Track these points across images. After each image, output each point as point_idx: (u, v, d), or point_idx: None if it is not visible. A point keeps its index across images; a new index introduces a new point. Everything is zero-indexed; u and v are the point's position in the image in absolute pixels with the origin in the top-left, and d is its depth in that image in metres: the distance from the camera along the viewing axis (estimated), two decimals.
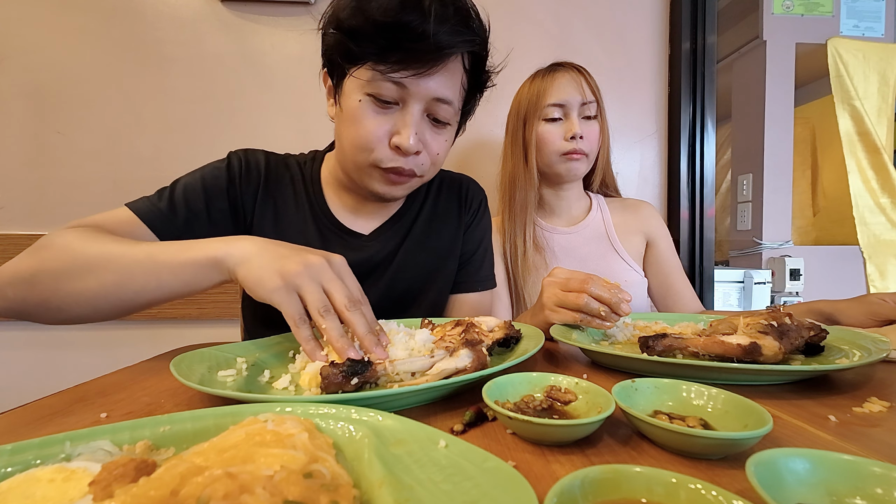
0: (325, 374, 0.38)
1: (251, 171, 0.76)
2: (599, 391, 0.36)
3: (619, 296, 0.59)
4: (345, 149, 0.69)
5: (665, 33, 1.42)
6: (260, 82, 1.27)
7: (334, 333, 0.45)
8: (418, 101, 0.64)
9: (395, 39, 0.58)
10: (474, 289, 0.88)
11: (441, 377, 0.41)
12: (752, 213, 2.12)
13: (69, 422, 0.38)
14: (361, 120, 0.64)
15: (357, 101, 0.64)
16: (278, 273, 0.47)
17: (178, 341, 0.75)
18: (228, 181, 0.73)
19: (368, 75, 0.62)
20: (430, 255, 0.83)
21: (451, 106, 0.66)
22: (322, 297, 0.47)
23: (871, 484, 0.23)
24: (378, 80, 0.61)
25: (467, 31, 0.62)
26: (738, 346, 0.45)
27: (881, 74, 1.99)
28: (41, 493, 0.22)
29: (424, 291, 0.82)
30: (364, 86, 0.63)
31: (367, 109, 0.64)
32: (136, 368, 0.56)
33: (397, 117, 0.64)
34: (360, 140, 0.65)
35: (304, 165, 0.81)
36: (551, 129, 0.95)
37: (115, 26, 1.23)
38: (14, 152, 1.21)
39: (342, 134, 0.68)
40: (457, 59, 0.64)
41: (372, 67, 0.61)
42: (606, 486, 0.22)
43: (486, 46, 0.68)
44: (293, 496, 0.19)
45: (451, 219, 0.87)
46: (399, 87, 0.62)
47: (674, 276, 1.05)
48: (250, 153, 0.78)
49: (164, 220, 0.66)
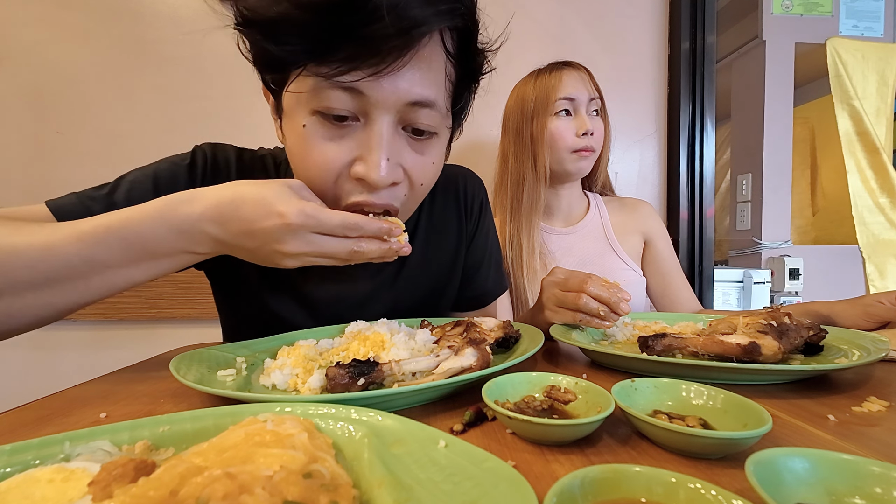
0: (331, 375, 0.38)
1: (218, 171, 0.62)
2: (599, 391, 0.36)
3: (618, 295, 0.59)
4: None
5: (664, 33, 1.42)
6: (259, 82, 1.26)
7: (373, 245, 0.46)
8: (385, 112, 0.46)
9: (336, 25, 0.40)
10: (485, 302, 0.82)
11: (447, 376, 0.41)
12: (752, 213, 2.12)
13: (68, 422, 0.38)
14: (309, 150, 0.47)
15: (301, 127, 0.47)
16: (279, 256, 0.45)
17: (178, 341, 0.75)
18: (189, 182, 0.59)
19: (309, 84, 0.45)
20: (432, 277, 0.73)
21: (433, 109, 0.48)
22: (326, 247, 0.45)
23: (870, 483, 0.23)
24: (323, 88, 0.44)
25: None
26: (738, 345, 0.45)
27: (880, 74, 1.99)
28: (40, 494, 0.22)
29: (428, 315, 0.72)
30: (307, 100, 0.46)
31: (315, 135, 0.47)
32: (135, 368, 0.56)
33: (358, 138, 0.47)
34: (310, 175, 0.49)
35: (280, 166, 0.67)
36: (562, 125, 0.95)
37: (115, 26, 1.23)
38: (14, 152, 1.21)
39: (294, 167, 0.52)
40: (433, 42, 0.46)
41: (312, 72, 0.44)
42: (606, 485, 0.22)
43: (473, 16, 0.48)
44: (293, 496, 0.19)
45: (451, 231, 0.74)
46: (354, 95, 0.45)
47: (672, 275, 1.05)
48: (219, 149, 0.64)
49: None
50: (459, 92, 0.54)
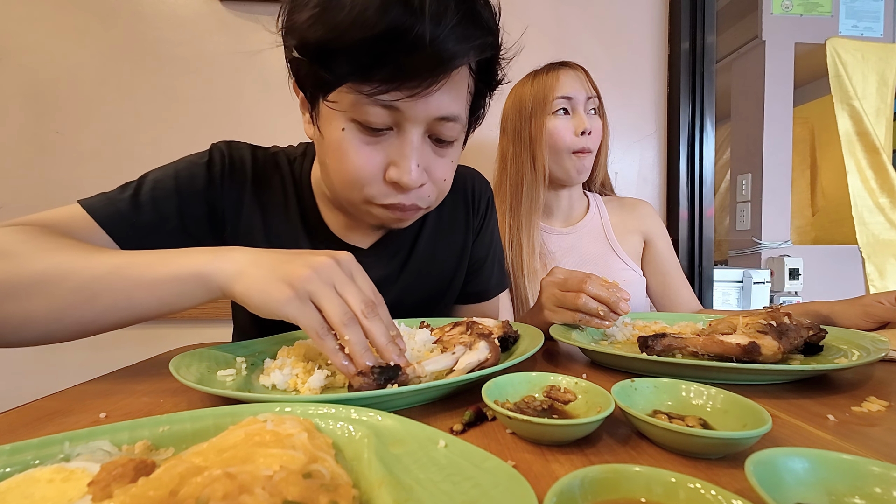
0: (356, 385, 0.37)
1: (235, 170, 0.65)
2: (599, 391, 0.36)
3: (618, 295, 0.59)
4: (332, 181, 0.58)
5: (664, 33, 1.42)
6: (259, 82, 1.27)
7: (358, 348, 0.39)
8: (417, 125, 0.52)
9: (380, 53, 0.45)
10: (486, 297, 0.84)
11: (467, 371, 0.41)
12: (751, 213, 2.12)
13: (68, 422, 0.38)
14: (347, 153, 0.53)
15: (339, 130, 0.52)
16: (285, 282, 0.40)
17: (177, 341, 0.75)
18: (208, 181, 0.63)
19: (351, 99, 0.49)
20: (438, 269, 0.76)
21: (457, 123, 0.54)
22: (341, 303, 0.40)
23: (869, 483, 0.23)
24: (363, 104, 0.49)
25: (476, 31, 0.47)
26: (738, 345, 0.45)
27: (880, 74, 1.99)
28: (40, 494, 0.22)
29: (433, 307, 0.76)
30: (347, 109, 0.50)
31: (353, 140, 0.52)
32: (135, 368, 0.56)
33: (392, 146, 0.53)
34: (347, 177, 0.55)
35: (294, 163, 0.71)
36: (560, 125, 0.95)
37: (114, 26, 1.22)
38: (13, 152, 1.21)
39: (327, 164, 0.57)
40: (463, 67, 0.51)
41: (354, 89, 0.48)
42: (606, 485, 0.22)
43: (498, 44, 0.53)
44: (292, 496, 0.19)
45: (458, 226, 0.78)
46: (391, 111, 0.50)
47: (672, 274, 1.05)
48: (234, 148, 0.67)
49: (126, 224, 0.56)
50: (477, 101, 0.59)
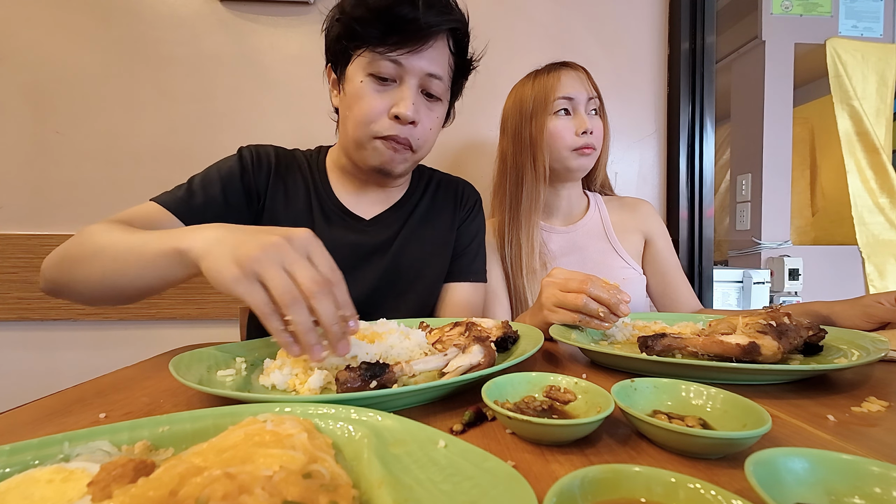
0: (342, 379, 0.38)
1: (262, 160, 0.83)
2: (599, 391, 0.36)
3: (618, 297, 0.59)
4: (348, 129, 0.76)
5: (664, 33, 1.42)
6: (259, 82, 1.26)
7: (301, 328, 0.41)
8: (413, 77, 0.73)
9: (391, 24, 0.69)
10: (467, 279, 0.91)
11: (459, 373, 0.41)
12: (751, 213, 2.12)
13: (68, 422, 0.38)
14: (364, 97, 0.73)
15: (359, 82, 0.73)
16: (235, 261, 0.42)
17: (178, 341, 0.75)
18: (241, 170, 0.80)
19: (369, 57, 0.72)
20: (426, 244, 0.88)
21: (441, 81, 0.75)
22: (286, 282, 0.41)
23: (869, 483, 0.23)
24: (378, 60, 0.71)
25: (449, 12, 0.73)
26: (737, 345, 0.45)
27: (880, 75, 1.99)
28: (40, 494, 0.22)
29: (420, 276, 0.87)
30: (365, 67, 0.72)
31: (369, 88, 0.73)
32: (135, 368, 0.56)
33: (396, 93, 0.73)
34: (363, 115, 0.73)
35: (310, 157, 0.89)
36: (561, 125, 0.95)
37: (114, 26, 1.22)
38: (13, 152, 1.21)
39: (347, 115, 0.76)
40: (443, 39, 0.74)
41: (371, 51, 0.71)
42: (606, 485, 0.22)
43: (466, 29, 0.78)
44: (292, 496, 0.19)
45: (446, 215, 0.92)
46: (396, 65, 0.71)
47: (672, 274, 1.05)
48: (260, 147, 0.85)
49: (186, 207, 0.72)
50: (455, 77, 0.81)
